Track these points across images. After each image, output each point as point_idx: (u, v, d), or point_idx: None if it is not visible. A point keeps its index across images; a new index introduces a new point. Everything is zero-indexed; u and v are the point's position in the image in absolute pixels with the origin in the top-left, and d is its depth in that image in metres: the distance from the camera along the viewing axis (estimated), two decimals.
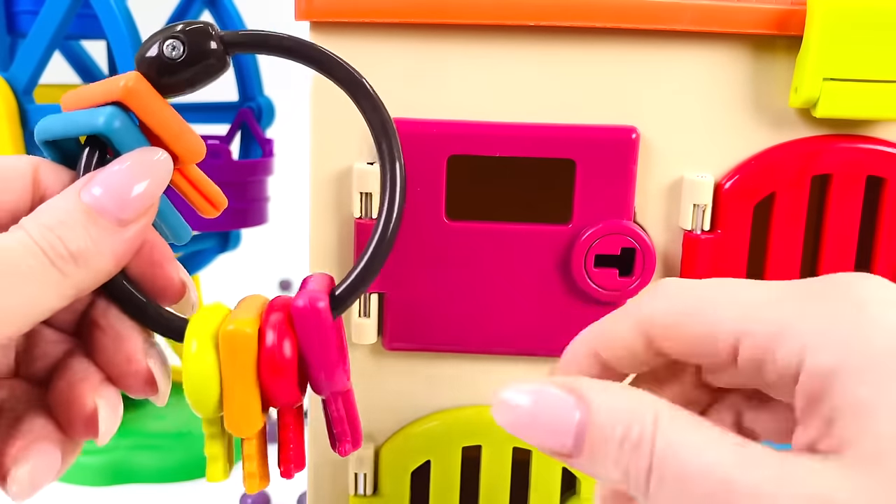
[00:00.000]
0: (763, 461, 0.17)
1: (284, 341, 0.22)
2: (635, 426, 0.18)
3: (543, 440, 0.19)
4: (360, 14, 0.29)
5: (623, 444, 0.18)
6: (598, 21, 0.29)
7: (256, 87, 0.53)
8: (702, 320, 0.20)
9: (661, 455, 0.18)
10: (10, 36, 0.49)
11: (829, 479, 0.17)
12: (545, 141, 0.30)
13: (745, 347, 0.19)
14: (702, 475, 0.18)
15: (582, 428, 0.19)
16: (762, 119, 0.31)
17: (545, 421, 0.19)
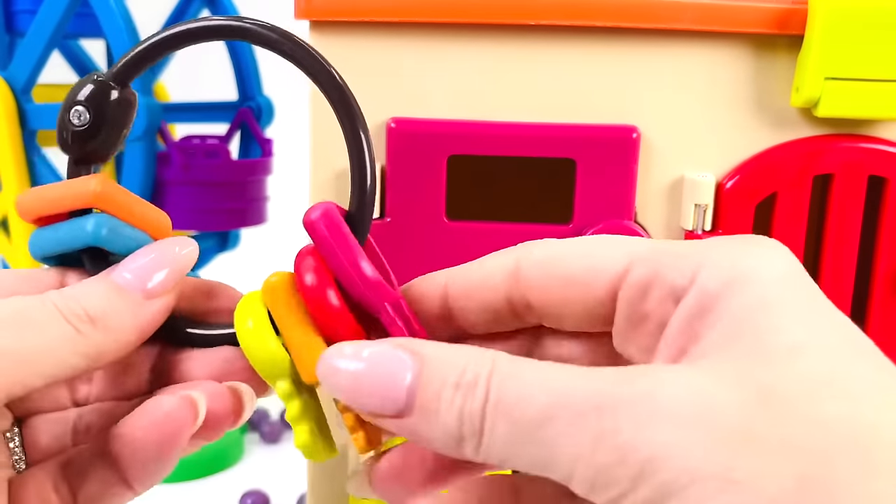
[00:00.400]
0: (604, 371, 0.17)
1: (313, 274, 0.21)
2: (471, 369, 0.17)
3: (374, 403, 0.18)
4: (360, 13, 0.29)
5: (458, 386, 0.17)
6: (599, 20, 0.29)
7: (256, 86, 0.53)
8: (589, 253, 0.19)
9: (497, 386, 0.17)
10: (8, 35, 0.49)
11: (666, 374, 0.16)
12: (545, 140, 0.30)
13: (634, 274, 0.19)
14: (540, 390, 0.16)
15: (416, 380, 0.17)
16: (763, 118, 0.31)
17: (378, 382, 0.18)
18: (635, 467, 0.15)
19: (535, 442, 0.16)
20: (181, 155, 0.45)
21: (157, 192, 0.46)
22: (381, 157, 0.31)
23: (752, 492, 0.15)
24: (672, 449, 0.15)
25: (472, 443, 0.17)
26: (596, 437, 0.16)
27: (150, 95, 0.44)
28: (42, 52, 0.45)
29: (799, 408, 0.15)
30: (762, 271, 0.17)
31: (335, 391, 0.19)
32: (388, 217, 0.30)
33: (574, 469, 0.16)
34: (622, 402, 0.16)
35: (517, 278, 0.20)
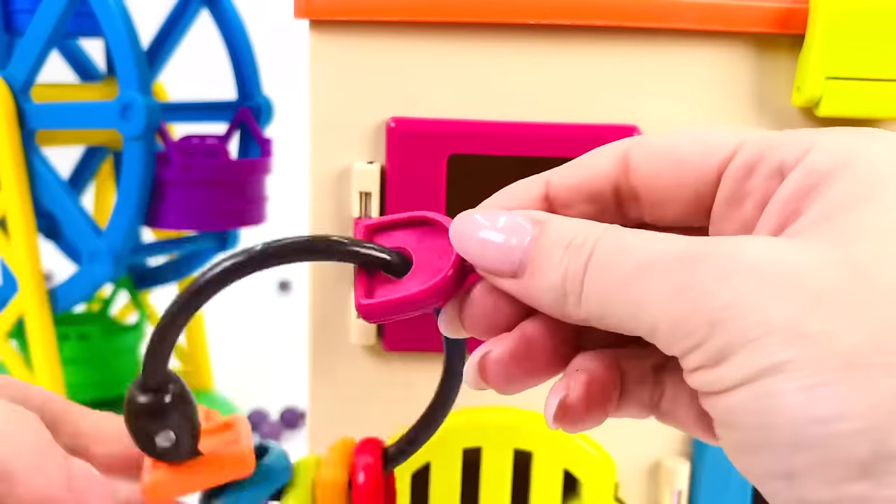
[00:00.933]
0: (697, 238, 0.17)
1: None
2: (581, 234, 0.18)
3: (494, 264, 0.19)
4: (360, 12, 0.29)
5: (568, 248, 0.18)
6: (600, 19, 0.29)
7: (255, 86, 0.53)
8: (701, 139, 0.20)
9: (600, 247, 0.18)
10: (7, 34, 0.49)
11: (754, 239, 0.17)
12: (546, 140, 0.30)
13: (743, 152, 0.19)
14: (635, 249, 0.17)
15: (532, 244, 0.19)
16: (764, 118, 0.30)
17: (499, 244, 0.19)
18: (709, 316, 0.16)
19: (627, 296, 0.17)
20: (180, 155, 0.45)
21: (156, 192, 0.46)
22: (380, 156, 0.31)
23: (822, 346, 0.15)
24: (747, 300, 0.16)
25: (573, 298, 0.18)
26: (677, 289, 0.16)
27: (150, 95, 0.43)
28: (41, 52, 0.45)
29: (880, 277, 0.15)
30: (873, 156, 0.17)
31: (463, 250, 0.20)
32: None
33: (658, 322, 0.17)
34: (705, 256, 0.16)
35: (627, 165, 0.21)
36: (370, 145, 0.30)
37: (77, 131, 0.52)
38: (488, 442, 0.32)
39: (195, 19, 0.52)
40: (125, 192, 0.45)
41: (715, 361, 0.16)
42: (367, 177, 0.30)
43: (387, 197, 0.30)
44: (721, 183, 0.20)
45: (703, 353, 0.16)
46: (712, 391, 0.16)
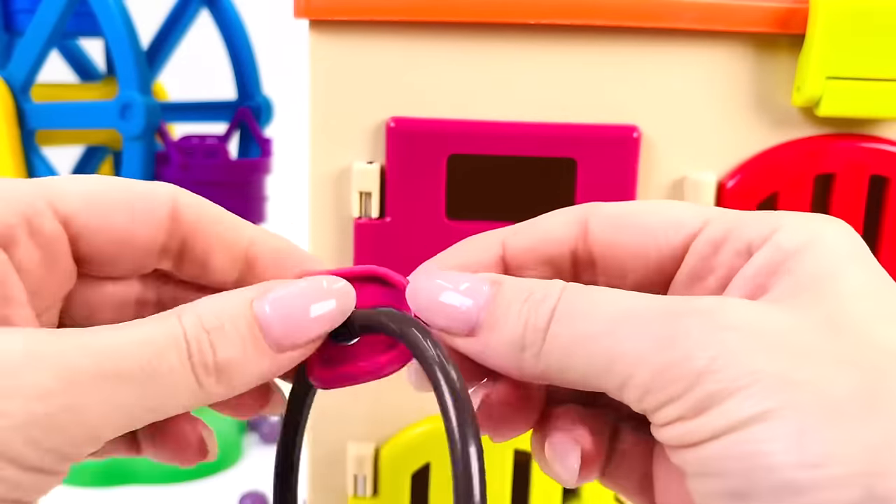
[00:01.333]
0: (670, 297, 0.17)
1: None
2: (541, 290, 0.18)
3: (447, 322, 0.19)
4: (359, 12, 0.29)
5: (528, 300, 0.18)
6: (600, 19, 0.29)
7: (255, 85, 0.53)
8: (664, 210, 0.20)
9: (565, 300, 0.18)
10: (7, 34, 0.49)
11: (732, 300, 0.17)
12: (546, 140, 0.30)
13: (711, 229, 0.19)
14: (608, 304, 0.17)
15: (491, 298, 0.18)
16: (765, 118, 0.30)
17: (454, 303, 0.19)
18: (695, 366, 0.16)
19: (596, 348, 0.17)
20: (180, 154, 0.45)
21: None
22: (380, 156, 0.31)
23: (810, 393, 0.15)
24: (734, 352, 0.16)
25: (532, 350, 0.18)
26: (660, 338, 0.16)
27: (149, 95, 0.43)
28: (41, 52, 0.45)
29: (861, 334, 0.16)
30: (836, 239, 0.18)
31: (416, 308, 0.20)
32: (388, 217, 0.30)
33: (632, 373, 0.17)
34: (688, 311, 0.17)
35: (585, 230, 0.20)
36: (370, 145, 0.31)
37: (77, 131, 0.52)
38: (489, 442, 0.32)
39: (195, 19, 0.52)
40: None
41: (696, 412, 0.16)
42: (366, 177, 0.30)
43: (387, 197, 0.30)
44: (685, 257, 0.20)
45: (683, 405, 0.16)
46: (689, 443, 0.16)
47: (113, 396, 0.17)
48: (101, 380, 0.17)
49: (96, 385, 0.17)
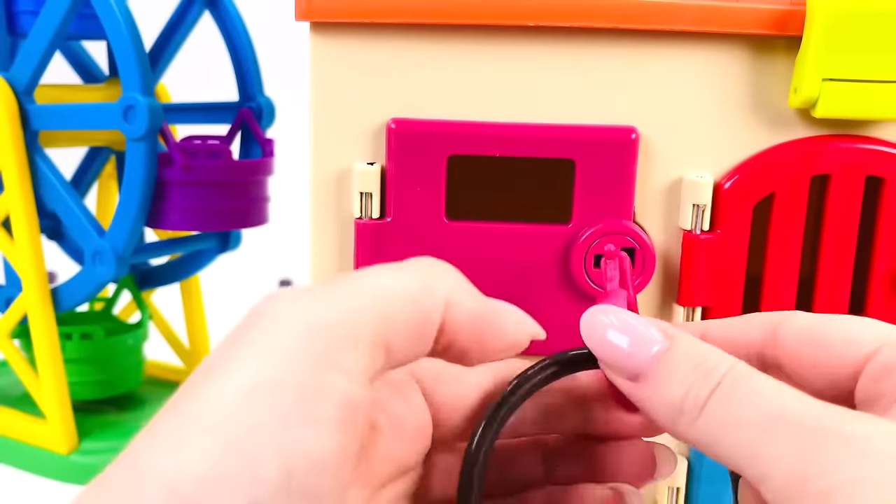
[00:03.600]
0: (830, 406, 0.18)
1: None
2: (713, 360, 0.19)
3: (619, 363, 0.20)
4: (360, 14, 0.29)
5: (697, 367, 0.19)
6: (598, 21, 0.29)
7: (257, 87, 0.53)
8: (848, 327, 0.21)
9: (732, 380, 0.18)
10: (10, 36, 0.49)
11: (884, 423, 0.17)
12: (545, 141, 0.30)
13: (883, 353, 0.20)
14: (768, 399, 0.18)
15: (662, 353, 0.20)
16: (761, 119, 0.31)
17: (629, 346, 0.20)
18: (829, 484, 0.16)
19: (747, 437, 0.18)
20: (182, 155, 0.46)
21: (158, 193, 0.46)
22: (381, 157, 0.31)
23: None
24: (871, 480, 0.16)
25: (688, 418, 0.19)
26: (803, 450, 0.17)
27: (152, 96, 0.44)
28: (44, 54, 0.45)
29: None
30: None
31: (590, 343, 0.21)
32: (389, 217, 0.31)
33: (772, 472, 0.17)
34: (840, 434, 0.17)
35: (776, 337, 0.22)
36: (371, 146, 0.31)
37: (80, 132, 0.52)
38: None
39: (198, 21, 0.52)
40: (128, 193, 0.45)
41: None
42: (367, 177, 0.30)
43: (387, 197, 0.31)
44: (861, 378, 0.20)
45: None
46: None
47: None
48: None
49: None
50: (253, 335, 0.18)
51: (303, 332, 0.17)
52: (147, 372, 0.58)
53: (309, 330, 0.17)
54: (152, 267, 0.57)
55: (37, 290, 0.47)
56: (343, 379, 0.17)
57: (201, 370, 0.18)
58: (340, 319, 0.18)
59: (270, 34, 0.65)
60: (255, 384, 0.17)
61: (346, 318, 0.18)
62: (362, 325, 0.18)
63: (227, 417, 0.16)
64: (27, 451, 0.50)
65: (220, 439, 0.16)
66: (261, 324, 0.18)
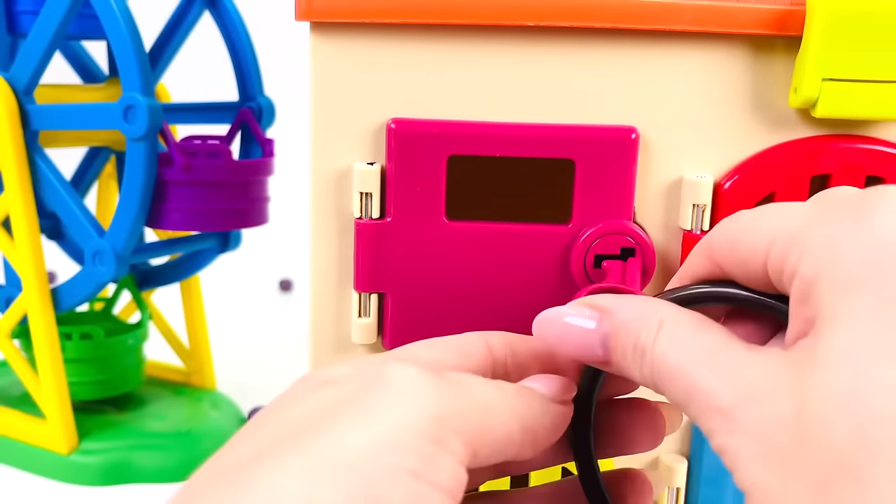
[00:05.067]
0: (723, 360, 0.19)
1: None
2: (642, 334, 0.21)
3: (578, 351, 0.22)
4: (360, 14, 0.29)
5: (635, 350, 0.21)
6: (598, 21, 0.29)
7: (257, 87, 0.53)
8: (747, 238, 0.21)
9: (657, 359, 0.21)
10: (10, 36, 0.49)
11: (758, 371, 0.18)
12: (545, 141, 0.30)
13: (771, 259, 0.20)
14: (679, 377, 0.20)
15: (605, 338, 0.22)
16: (761, 119, 0.31)
17: (575, 333, 0.22)
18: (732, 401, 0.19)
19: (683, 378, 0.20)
20: (182, 155, 0.46)
21: (158, 193, 0.46)
22: (381, 157, 0.31)
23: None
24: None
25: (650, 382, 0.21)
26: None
27: (152, 96, 0.44)
28: (44, 54, 0.45)
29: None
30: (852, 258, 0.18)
31: (551, 347, 0.23)
32: (389, 217, 0.31)
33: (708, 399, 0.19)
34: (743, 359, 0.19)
35: (711, 244, 0.23)
36: (371, 146, 0.31)
37: (80, 132, 0.52)
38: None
39: (198, 21, 0.52)
40: (128, 193, 0.45)
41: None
42: (367, 177, 0.30)
43: (387, 197, 0.31)
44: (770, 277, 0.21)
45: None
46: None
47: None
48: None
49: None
50: (383, 399, 0.19)
51: (431, 412, 0.19)
52: (147, 372, 0.58)
53: (437, 413, 0.19)
54: (152, 267, 0.57)
55: (37, 290, 0.47)
56: (453, 459, 0.19)
57: (320, 411, 0.19)
58: (456, 414, 0.19)
59: (270, 34, 0.65)
60: (384, 439, 0.18)
61: (460, 413, 0.20)
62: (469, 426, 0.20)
63: (360, 459, 0.17)
64: (27, 451, 0.50)
65: (353, 476, 0.17)
66: (394, 390, 0.19)
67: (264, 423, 0.20)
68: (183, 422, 0.53)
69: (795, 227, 0.20)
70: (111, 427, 0.51)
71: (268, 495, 0.17)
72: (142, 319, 0.55)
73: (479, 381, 0.22)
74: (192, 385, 0.58)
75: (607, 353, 0.22)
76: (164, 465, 0.49)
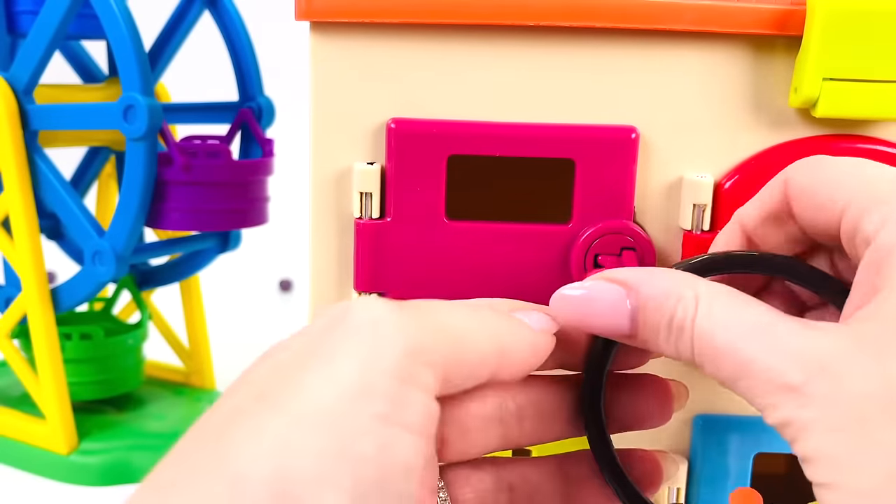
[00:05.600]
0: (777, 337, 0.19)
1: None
2: (678, 311, 0.21)
3: (603, 325, 0.22)
4: (360, 14, 0.29)
5: (670, 326, 0.21)
6: (598, 21, 0.29)
7: (256, 87, 0.53)
8: (826, 189, 0.22)
9: (699, 337, 0.20)
10: (10, 36, 0.49)
11: (823, 346, 0.19)
12: (545, 141, 0.30)
13: (847, 217, 0.21)
14: (727, 355, 0.20)
15: (635, 312, 0.22)
16: (762, 119, 0.31)
17: (600, 308, 0.22)
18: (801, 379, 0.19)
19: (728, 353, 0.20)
20: (182, 155, 0.46)
21: (158, 193, 0.46)
22: (381, 157, 0.31)
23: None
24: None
25: (684, 355, 0.21)
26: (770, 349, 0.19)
27: (152, 96, 0.44)
28: (44, 53, 0.45)
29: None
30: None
31: (575, 322, 0.23)
32: (389, 217, 0.31)
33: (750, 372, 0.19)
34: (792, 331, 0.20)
35: (786, 194, 0.24)
36: (371, 146, 0.31)
37: (80, 132, 0.52)
38: None
39: (197, 21, 0.52)
40: (127, 193, 0.45)
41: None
42: (367, 177, 0.30)
43: (387, 197, 0.31)
44: (842, 238, 0.22)
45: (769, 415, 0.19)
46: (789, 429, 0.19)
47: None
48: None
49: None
50: (348, 344, 0.19)
51: (396, 350, 0.19)
52: (147, 372, 0.58)
53: (403, 350, 0.19)
54: (152, 267, 0.57)
55: (36, 290, 0.47)
56: (424, 394, 0.19)
57: (292, 363, 0.19)
58: (424, 346, 0.20)
59: (270, 34, 0.65)
60: (350, 387, 0.18)
61: (428, 345, 0.20)
62: (439, 355, 0.20)
63: (328, 412, 0.17)
64: (27, 451, 0.50)
65: (324, 433, 0.17)
66: (359, 333, 0.19)
67: (246, 378, 0.20)
68: (183, 422, 0.52)
69: (879, 192, 0.20)
70: (111, 427, 0.51)
71: (242, 464, 0.17)
72: (141, 319, 0.55)
73: (447, 305, 0.21)
74: (192, 385, 0.58)
75: (634, 328, 0.22)
76: None
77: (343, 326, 0.19)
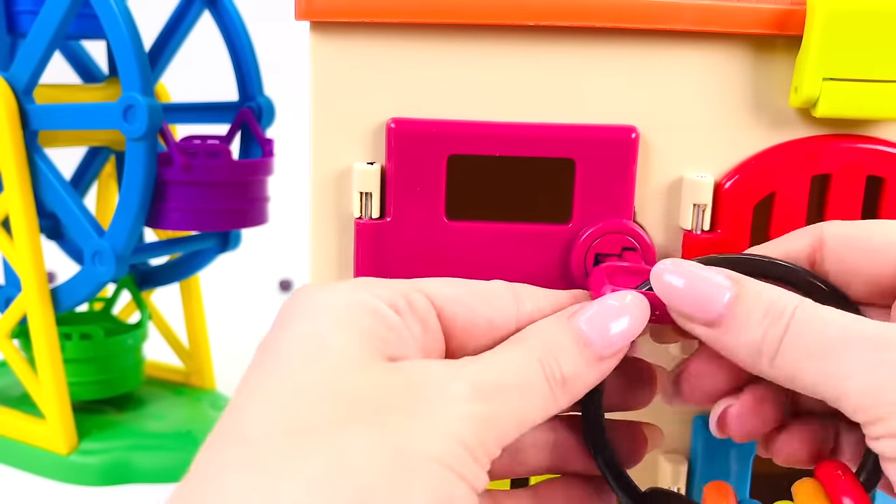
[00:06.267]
0: (887, 326, 0.20)
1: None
2: (781, 303, 0.21)
3: (694, 306, 0.22)
4: (360, 14, 0.29)
5: (768, 313, 0.21)
6: (598, 21, 0.29)
7: (256, 86, 0.53)
8: (886, 231, 0.23)
9: (800, 318, 0.21)
10: (10, 36, 0.49)
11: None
12: (545, 140, 0.30)
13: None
14: (834, 327, 0.20)
15: (733, 300, 0.22)
16: (762, 119, 0.31)
17: (703, 289, 0.22)
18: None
19: (821, 365, 0.20)
20: (182, 155, 0.46)
21: (158, 193, 0.46)
22: (381, 157, 0.31)
23: None
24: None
25: (766, 359, 0.21)
26: (873, 365, 0.19)
27: (152, 96, 0.44)
28: (44, 53, 0.45)
29: None
30: None
31: (664, 295, 0.23)
32: (388, 217, 0.31)
33: (848, 390, 0.20)
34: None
35: (822, 244, 0.24)
36: (371, 146, 0.31)
37: (79, 132, 0.52)
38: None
39: (197, 21, 0.52)
40: (127, 193, 0.45)
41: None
42: (367, 177, 0.30)
43: (387, 197, 0.31)
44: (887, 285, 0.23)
45: (888, 425, 0.19)
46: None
47: (508, 403, 0.21)
48: (501, 389, 0.21)
49: (498, 393, 0.21)
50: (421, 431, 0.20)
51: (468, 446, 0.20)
52: (147, 372, 0.58)
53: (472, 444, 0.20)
54: (152, 267, 0.57)
55: (36, 290, 0.47)
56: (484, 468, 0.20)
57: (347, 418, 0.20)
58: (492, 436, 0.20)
59: (270, 34, 0.65)
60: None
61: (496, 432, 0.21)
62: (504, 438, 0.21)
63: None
64: (27, 451, 0.50)
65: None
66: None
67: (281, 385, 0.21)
68: (183, 422, 0.53)
69: None
70: (111, 427, 0.51)
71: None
72: (141, 319, 0.55)
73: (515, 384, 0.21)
74: (192, 385, 0.58)
75: (728, 309, 0.22)
76: (164, 466, 0.49)
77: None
